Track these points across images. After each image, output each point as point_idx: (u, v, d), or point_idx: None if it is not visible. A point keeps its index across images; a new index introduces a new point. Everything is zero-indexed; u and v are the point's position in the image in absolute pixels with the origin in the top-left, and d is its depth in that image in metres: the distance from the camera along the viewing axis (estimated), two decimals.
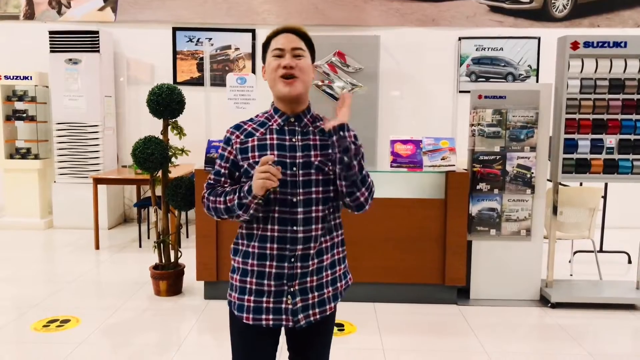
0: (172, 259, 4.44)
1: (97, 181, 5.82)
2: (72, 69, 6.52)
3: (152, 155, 4.15)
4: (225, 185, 1.85)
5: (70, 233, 6.42)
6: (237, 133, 1.83)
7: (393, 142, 4.19)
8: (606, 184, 5.20)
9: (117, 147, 7.08)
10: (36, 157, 6.71)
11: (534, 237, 4.23)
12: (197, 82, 6.92)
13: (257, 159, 1.76)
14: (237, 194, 1.74)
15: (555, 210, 4.26)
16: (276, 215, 1.76)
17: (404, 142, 4.18)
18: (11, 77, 6.56)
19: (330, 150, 1.78)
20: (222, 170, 1.85)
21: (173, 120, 4.36)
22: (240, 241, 1.87)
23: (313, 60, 1.87)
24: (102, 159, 6.63)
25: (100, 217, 5.96)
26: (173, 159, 4.36)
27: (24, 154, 6.70)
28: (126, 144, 7.01)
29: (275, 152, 1.76)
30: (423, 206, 4.15)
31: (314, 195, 1.78)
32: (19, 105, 6.68)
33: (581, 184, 5.15)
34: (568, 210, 4.66)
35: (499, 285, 4.27)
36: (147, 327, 3.81)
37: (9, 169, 6.66)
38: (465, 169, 4.26)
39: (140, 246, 5.87)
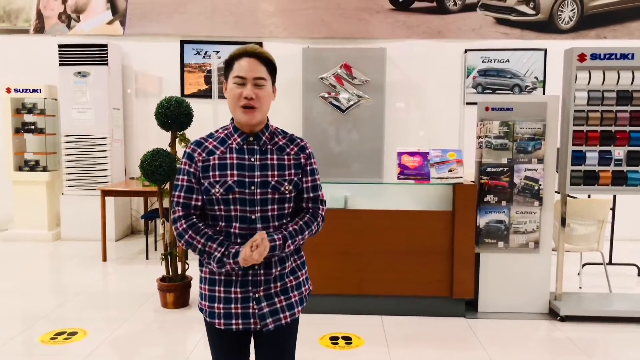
0: (179, 271, 4.44)
1: (105, 193, 5.84)
2: (80, 82, 6.58)
3: (160, 167, 4.17)
4: (198, 204, 1.89)
5: (78, 245, 6.44)
6: (199, 150, 1.91)
7: (400, 154, 4.19)
8: (615, 196, 5.17)
9: (124, 159, 7.11)
10: (44, 169, 6.75)
11: (543, 250, 4.20)
12: (205, 94, 6.95)
13: (217, 178, 1.85)
14: (221, 249, 1.84)
15: (563, 222, 4.23)
16: (237, 231, 1.87)
17: (411, 154, 4.17)
18: (21, 90, 6.63)
19: (286, 172, 1.90)
20: (194, 186, 1.89)
21: (181, 132, 4.38)
22: None
23: (274, 81, 1.94)
24: (110, 171, 6.66)
25: (107, 228, 5.98)
26: None
27: (33, 166, 6.75)
28: (134, 156, 7.05)
29: (235, 172, 1.86)
30: (430, 218, 4.14)
31: (269, 213, 1.89)
32: (28, 118, 6.73)
33: (589, 196, 5.12)
34: (576, 222, 4.63)
35: (507, 298, 4.24)
36: (154, 340, 3.81)
37: (17, 181, 6.71)
38: (473, 181, 4.25)
39: (147, 258, 5.88)
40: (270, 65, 1.90)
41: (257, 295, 1.89)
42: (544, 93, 6.80)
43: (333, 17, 6.97)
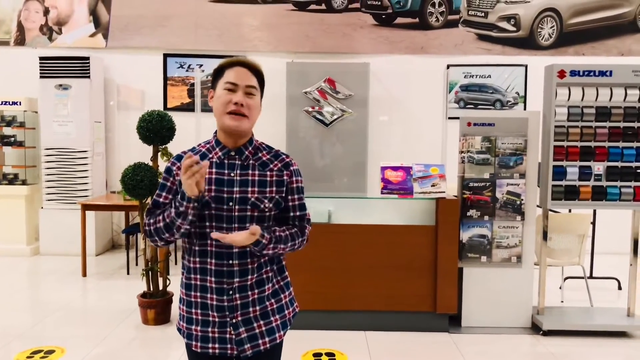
0: (161, 287, 4.38)
1: (86, 207, 5.76)
2: (62, 95, 6.51)
3: (141, 181, 4.13)
4: None
5: (57, 260, 6.32)
6: (178, 164, 1.85)
7: (383, 168, 4.20)
8: (595, 211, 5.23)
9: (106, 172, 7.02)
10: (24, 182, 6.63)
11: (525, 264, 4.23)
12: (188, 107, 6.92)
13: None
14: (173, 206, 1.76)
15: (545, 237, 4.27)
16: (213, 249, 1.80)
17: (395, 168, 4.19)
18: (0, 103, 6.53)
19: (267, 189, 1.84)
20: (161, 200, 1.87)
21: (163, 146, 4.35)
22: (185, 273, 1.90)
23: (262, 94, 1.91)
24: (91, 184, 6.57)
25: (87, 243, 5.88)
26: None
27: (12, 180, 6.63)
28: (115, 169, 6.97)
29: (213, 187, 1.80)
30: (414, 233, 4.14)
31: None
32: (7, 131, 6.63)
33: (570, 211, 5.18)
34: (558, 236, 4.67)
35: (490, 312, 4.24)
36: (135, 357, 3.74)
37: None
38: (456, 196, 4.27)
39: (128, 273, 5.79)
40: (261, 78, 1.88)
41: (234, 321, 1.82)
42: (524, 108, 6.89)
43: (317, 32, 7.01)
